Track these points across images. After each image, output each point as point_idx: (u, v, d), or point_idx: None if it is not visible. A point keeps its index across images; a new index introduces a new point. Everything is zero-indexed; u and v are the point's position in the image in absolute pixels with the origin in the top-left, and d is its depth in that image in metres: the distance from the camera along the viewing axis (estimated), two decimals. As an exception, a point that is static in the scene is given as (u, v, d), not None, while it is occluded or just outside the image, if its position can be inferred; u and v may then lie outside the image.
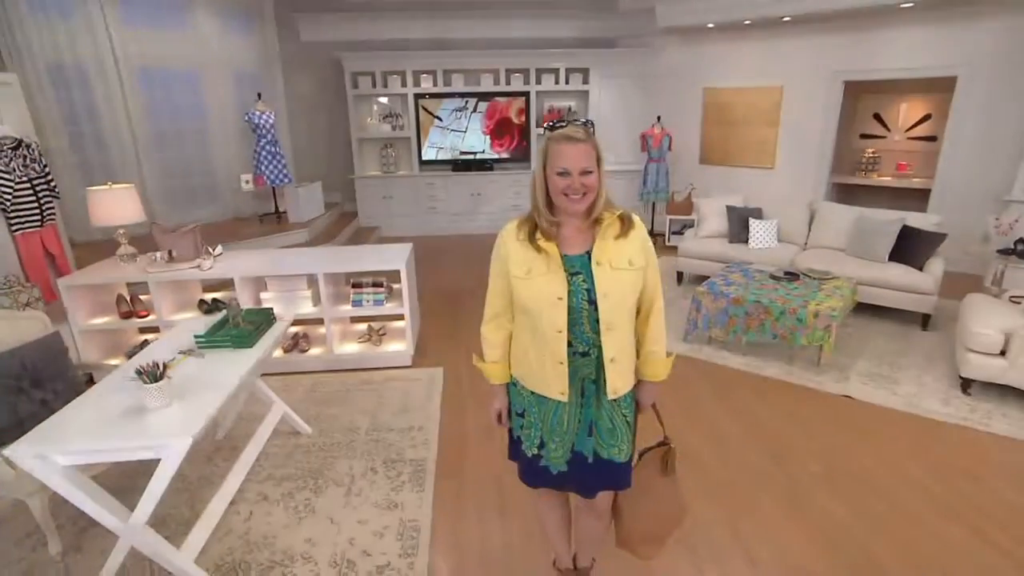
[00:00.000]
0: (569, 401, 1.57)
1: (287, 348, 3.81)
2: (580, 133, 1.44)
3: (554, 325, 1.48)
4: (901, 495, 2.48)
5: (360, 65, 7.12)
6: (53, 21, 5.62)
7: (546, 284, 1.47)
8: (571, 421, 1.60)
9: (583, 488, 1.68)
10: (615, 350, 1.52)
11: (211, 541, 2.28)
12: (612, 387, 1.55)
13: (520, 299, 1.52)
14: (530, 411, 1.62)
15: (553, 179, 1.43)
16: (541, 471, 1.66)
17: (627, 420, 1.63)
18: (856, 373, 3.55)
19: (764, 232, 4.82)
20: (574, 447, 1.62)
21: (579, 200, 1.44)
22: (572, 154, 1.41)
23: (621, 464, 1.64)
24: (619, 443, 1.62)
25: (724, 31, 6.22)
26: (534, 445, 1.64)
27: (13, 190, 3.52)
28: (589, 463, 1.62)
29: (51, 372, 2.43)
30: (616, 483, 1.69)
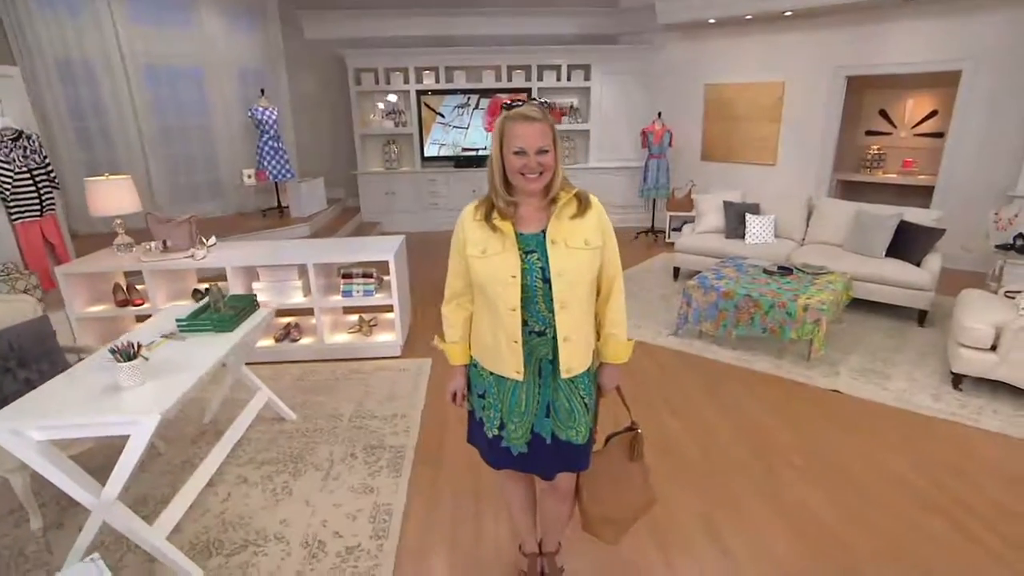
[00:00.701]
0: (527, 381, 1.58)
1: (279, 337, 3.86)
2: (536, 112, 1.43)
3: (508, 304, 1.48)
4: (882, 488, 2.45)
5: (363, 62, 7.18)
6: (61, 18, 5.75)
7: (500, 263, 1.47)
8: (529, 402, 1.60)
9: (543, 469, 1.68)
10: (569, 329, 1.52)
11: (188, 520, 2.32)
12: (565, 366, 1.54)
13: (476, 278, 1.52)
14: (490, 392, 1.63)
15: (510, 159, 1.43)
16: (503, 452, 1.66)
17: (585, 402, 1.62)
18: (847, 368, 3.51)
19: (760, 227, 4.78)
20: (533, 428, 1.62)
21: (536, 179, 1.44)
22: (528, 133, 1.41)
23: (579, 446, 1.64)
24: (576, 425, 1.62)
25: (725, 26, 6.18)
26: (494, 426, 1.65)
27: (13, 180, 3.60)
28: (548, 444, 1.62)
29: (37, 353, 2.48)
30: (574, 464, 1.69)
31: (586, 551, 2.11)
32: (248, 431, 2.97)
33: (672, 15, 6.10)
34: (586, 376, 1.62)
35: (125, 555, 2.15)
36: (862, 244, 4.37)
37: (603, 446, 1.82)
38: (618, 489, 1.80)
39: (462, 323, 1.66)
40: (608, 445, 1.82)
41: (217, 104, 6.76)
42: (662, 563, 2.08)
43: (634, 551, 2.13)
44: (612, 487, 1.79)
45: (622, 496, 1.81)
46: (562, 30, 7.31)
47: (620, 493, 1.80)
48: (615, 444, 1.83)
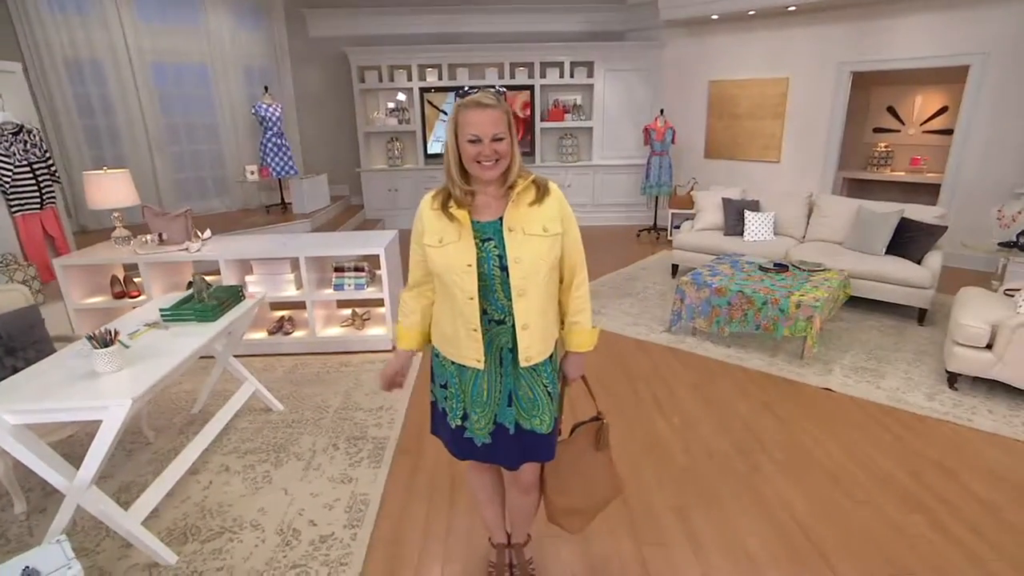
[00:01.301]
0: (488, 371, 1.56)
1: (272, 330, 3.89)
2: (490, 99, 1.41)
3: (465, 292, 1.47)
4: (864, 485, 2.41)
5: (366, 60, 7.22)
6: (70, 16, 5.85)
7: (456, 252, 1.46)
8: (491, 392, 1.58)
9: (507, 460, 1.66)
10: (527, 317, 1.50)
11: (168, 507, 2.35)
12: (524, 355, 1.52)
13: (434, 267, 1.51)
14: (452, 382, 1.61)
15: (465, 147, 1.41)
16: (466, 443, 1.65)
17: (548, 391, 1.60)
18: (841, 366, 3.45)
19: (759, 225, 4.72)
20: (496, 419, 1.60)
21: (492, 167, 1.42)
22: (483, 120, 1.39)
23: (543, 435, 1.62)
24: (540, 414, 1.60)
25: (729, 22, 6.12)
26: (457, 416, 1.63)
27: (13, 174, 3.68)
28: (511, 434, 1.60)
29: (24, 341, 2.53)
30: (538, 454, 1.66)
31: (557, 543, 2.10)
32: (236, 421, 3.00)
33: (674, 11, 6.05)
34: (548, 365, 1.60)
35: (103, 540, 2.17)
36: (862, 241, 4.30)
37: (569, 435, 1.81)
38: (584, 479, 1.79)
39: (420, 309, 1.65)
40: (573, 435, 1.80)
41: (223, 101, 6.84)
42: (633, 556, 2.06)
43: (606, 543, 2.12)
44: (578, 477, 1.77)
45: (588, 486, 1.79)
46: (566, 27, 7.29)
47: (586, 483, 1.79)
48: (581, 434, 1.80)
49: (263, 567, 2.02)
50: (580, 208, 7.63)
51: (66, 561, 1.59)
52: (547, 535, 2.10)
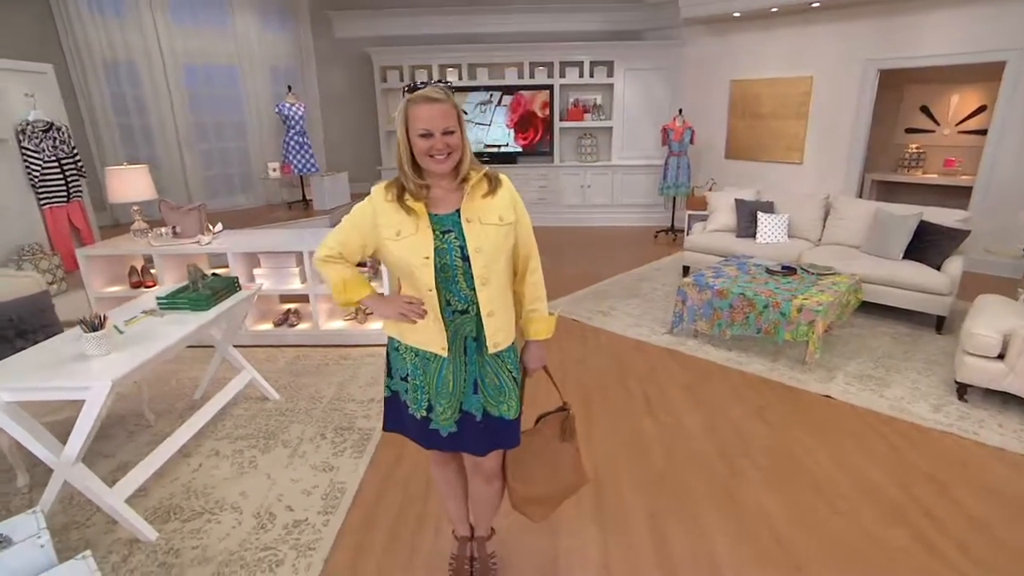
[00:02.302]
0: (453, 361, 1.57)
1: (278, 322, 4.01)
2: (439, 94, 1.43)
3: (424, 284, 1.49)
4: (848, 496, 2.32)
5: (389, 60, 7.35)
6: (108, 20, 6.15)
7: (413, 244, 1.48)
8: (456, 381, 1.59)
9: (474, 447, 1.66)
10: (492, 304, 1.53)
11: (157, 486, 2.46)
12: (492, 341, 1.55)
13: (392, 260, 1.53)
14: (414, 374, 1.62)
15: (416, 141, 1.43)
16: (432, 434, 1.66)
17: (513, 377, 1.63)
18: (845, 373, 3.33)
19: (773, 227, 4.60)
20: (462, 407, 1.62)
21: (444, 160, 1.44)
22: (432, 114, 1.41)
23: (510, 421, 1.64)
24: (508, 400, 1.62)
25: (751, 20, 5.98)
26: (422, 408, 1.64)
27: (42, 168, 3.90)
28: (478, 421, 1.62)
29: (35, 325, 2.67)
30: (504, 442, 1.68)
31: (522, 537, 2.11)
32: (232, 408, 3.11)
33: (695, 9, 5.95)
34: (512, 351, 1.63)
35: (94, 514, 2.28)
36: (879, 245, 4.14)
37: (534, 425, 1.80)
38: (548, 468, 1.79)
39: (341, 270, 1.61)
40: (539, 424, 1.80)
41: (250, 101, 7.07)
42: (597, 555, 2.04)
43: (572, 539, 2.11)
44: (542, 467, 1.78)
45: (552, 475, 1.80)
46: (586, 26, 7.25)
47: (550, 472, 1.79)
48: (546, 424, 1.80)
49: (236, 548, 2.09)
50: (598, 208, 7.59)
51: (37, 531, 1.68)
52: (512, 529, 2.10)
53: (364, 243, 1.57)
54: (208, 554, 2.07)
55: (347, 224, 1.58)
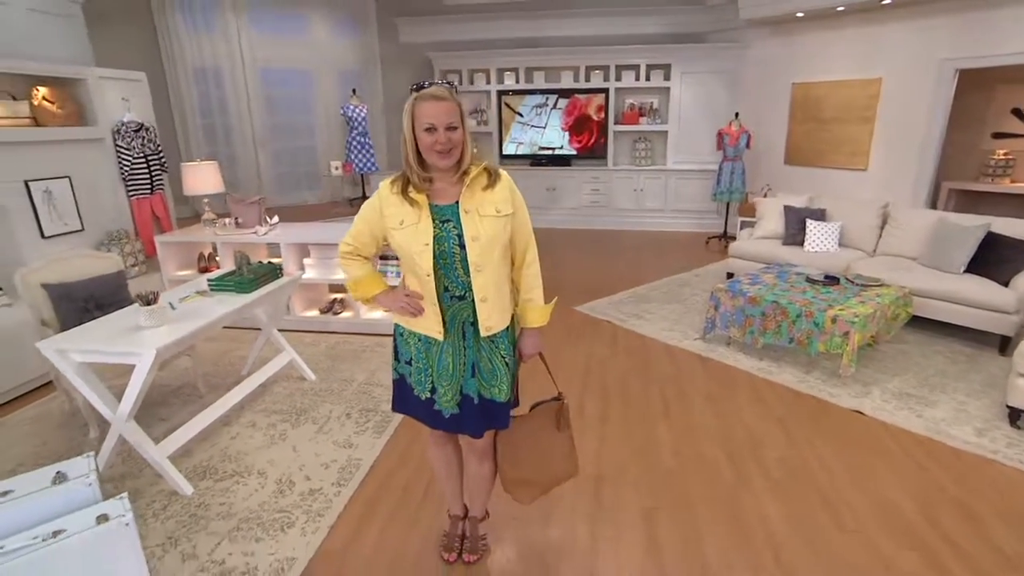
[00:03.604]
0: (453, 345, 1.68)
1: (323, 309, 4.29)
2: (444, 92, 1.53)
3: (423, 269, 1.60)
4: (859, 514, 2.23)
5: (449, 64, 7.60)
6: (200, 32, 6.77)
7: (415, 232, 1.59)
8: (456, 364, 1.69)
9: (473, 429, 1.76)
10: (485, 290, 1.62)
11: (199, 449, 2.73)
12: (484, 325, 1.65)
13: (396, 247, 1.66)
14: (418, 358, 1.73)
15: (421, 136, 1.53)
16: (436, 415, 1.76)
17: (506, 362, 1.72)
18: (883, 390, 3.16)
19: (822, 235, 4.40)
20: (462, 389, 1.72)
21: (447, 155, 1.54)
22: (437, 111, 1.50)
23: (501, 404, 1.74)
24: (500, 383, 1.72)
25: (816, 20, 5.72)
26: (426, 389, 1.75)
27: (131, 163, 4.38)
28: (475, 404, 1.72)
29: (110, 299, 3.03)
30: (496, 422, 1.77)
31: (514, 523, 2.18)
32: (274, 385, 3.38)
33: (755, 10, 5.77)
34: (506, 337, 1.72)
35: (145, 468, 2.57)
36: (939, 258, 3.87)
37: (528, 412, 1.87)
38: (538, 455, 1.88)
39: (360, 265, 1.76)
40: (533, 412, 1.88)
41: (319, 103, 7.54)
42: (586, 548, 2.09)
43: (562, 531, 2.17)
44: (532, 452, 1.86)
45: (541, 462, 1.88)
46: (645, 29, 7.19)
47: (539, 459, 1.88)
48: (540, 412, 1.88)
49: (256, 508, 2.31)
50: (651, 213, 7.49)
51: (87, 472, 1.94)
52: (506, 514, 2.19)
53: (373, 234, 1.70)
54: (232, 511, 2.29)
55: (358, 219, 1.72)
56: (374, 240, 1.73)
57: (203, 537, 2.16)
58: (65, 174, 3.97)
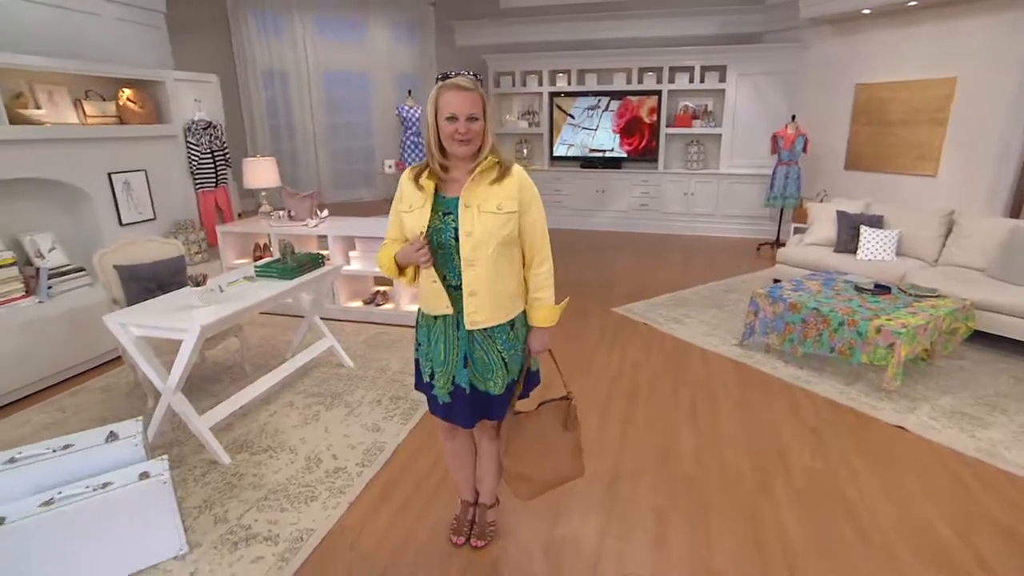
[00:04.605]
0: (445, 333, 1.73)
1: (367, 300, 4.47)
2: (468, 83, 1.58)
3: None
4: (886, 530, 2.12)
5: (503, 66, 7.71)
6: (270, 38, 7.21)
7: (416, 218, 1.66)
8: (448, 353, 1.74)
9: (464, 419, 1.81)
10: (475, 285, 1.65)
11: (240, 424, 2.92)
12: (469, 318, 1.68)
13: (404, 230, 1.74)
14: (422, 341, 1.81)
15: (443, 124, 1.58)
16: (433, 399, 1.84)
17: (502, 356, 1.74)
18: (933, 407, 2.97)
19: (877, 242, 4.17)
20: (454, 379, 1.76)
21: (466, 144, 1.59)
22: (460, 101, 1.56)
23: (495, 396, 1.77)
24: (493, 377, 1.75)
25: (884, 16, 5.42)
26: (426, 373, 1.83)
27: (199, 159, 4.72)
28: (467, 394, 1.77)
29: (171, 281, 3.29)
30: (491, 413, 1.81)
31: (524, 517, 2.22)
32: (313, 370, 3.55)
33: (816, 7, 5.53)
34: (505, 332, 1.73)
35: (191, 438, 2.77)
36: (1010, 269, 3.60)
37: (536, 408, 1.88)
38: (541, 453, 1.86)
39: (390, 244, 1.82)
40: (540, 409, 1.87)
41: (377, 104, 7.84)
42: (592, 544, 2.09)
43: (571, 526, 2.18)
44: (535, 449, 1.85)
45: (543, 460, 1.87)
46: (700, 31, 7.03)
47: (541, 457, 1.86)
48: (548, 410, 1.87)
49: (284, 481, 2.45)
50: (701, 217, 7.32)
51: (135, 434, 2.14)
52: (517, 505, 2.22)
53: (399, 219, 1.76)
54: (262, 482, 2.45)
55: (391, 212, 1.80)
56: (401, 228, 1.78)
57: (235, 504, 2.31)
58: (142, 167, 4.33)
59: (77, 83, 4.02)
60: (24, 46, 3.69)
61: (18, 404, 3.18)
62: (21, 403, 3.20)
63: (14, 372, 3.18)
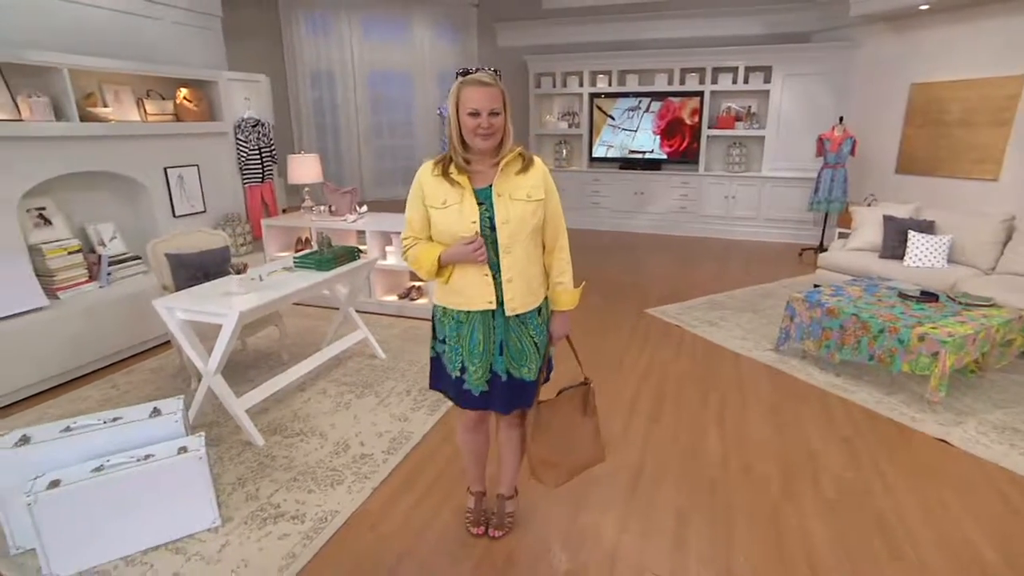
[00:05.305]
0: (482, 323, 1.75)
1: (401, 295, 4.57)
2: (489, 78, 1.62)
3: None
4: (922, 546, 2.03)
5: (543, 67, 7.73)
6: (319, 39, 7.45)
7: (459, 211, 1.68)
8: (486, 342, 1.77)
9: (501, 406, 1.85)
10: (512, 271, 1.70)
11: (275, 409, 3.04)
12: (509, 305, 1.72)
13: (437, 227, 1.74)
14: (450, 337, 1.83)
15: (465, 119, 1.62)
16: (465, 393, 1.86)
17: (535, 342, 1.80)
18: (981, 421, 2.82)
19: (927, 248, 3.98)
20: (491, 367, 1.80)
21: (488, 138, 1.63)
22: (481, 96, 1.59)
23: (529, 382, 1.82)
24: (528, 363, 1.80)
25: (943, 12, 5.17)
26: (456, 368, 1.84)
27: (247, 155, 4.94)
28: (503, 381, 1.81)
29: (216, 270, 3.44)
30: (523, 400, 1.85)
31: (543, 507, 2.23)
32: (347, 360, 3.66)
33: (869, 4, 5.32)
34: (536, 318, 1.79)
35: (229, 420, 2.91)
36: (1073, 281, 3.38)
37: (555, 397, 1.91)
38: (563, 439, 1.92)
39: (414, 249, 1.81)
40: (560, 396, 1.91)
41: (418, 104, 7.99)
42: (611, 538, 2.09)
43: (590, 519, 2.18)
44: (558, 436, 1.90)
45: (566, 446, 1.92)
46: (746, 30, 6.87)
47: (564, 443, 1.92)
48: (567, 397, 1.92)
49: (313, 464, 2.54)
50: (742, 221, 7.15)
51: (176, 411, 2.26)
52: (537, 497, 2.24)
53: (422, 216, 1.77)
54: (292, 464, 2.54)
55: (408, 209, 1.81)
56: (425, 224, 1.79)
57: (266, 483, 2.42)
58: (195, 163, 4.57)
59: (140, 83, 4.28)
60: (95, 49, 3.96)
61: (79, 381, 3.41)
62: (82, 380, 3.42)
63: (78, 352, 3.40)
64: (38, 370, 3.20)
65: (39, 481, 1.88)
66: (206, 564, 1.97)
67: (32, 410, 3.07)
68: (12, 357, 3.07)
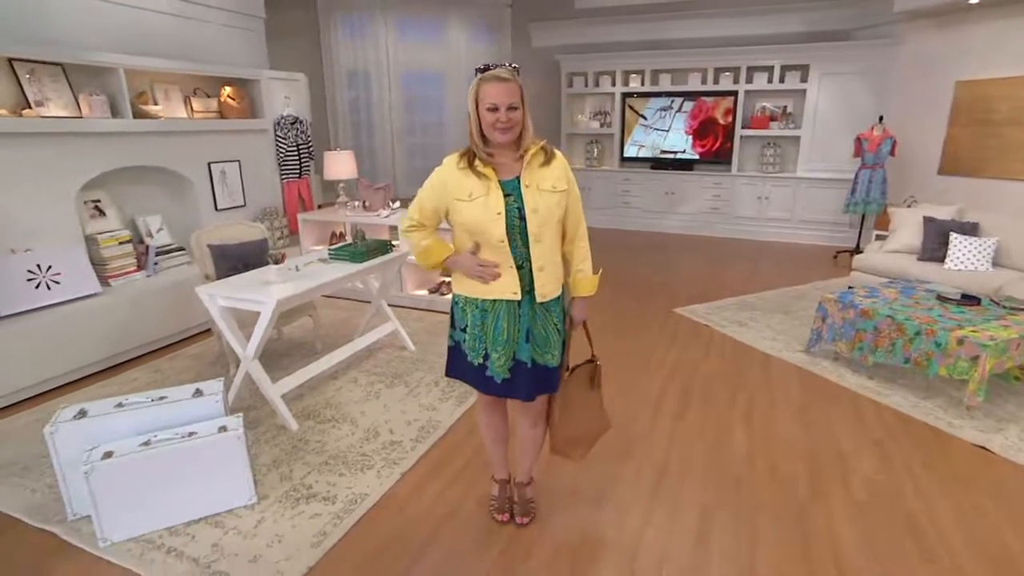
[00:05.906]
0: (508, 311, 1.79)
1: (432, 290, 4.65)
2: (507, 74, 1.67)
3: (496, 237, 1.73)
4: (955, 550, 1.99)
5: (576, 66, 7.74)
6: (355, 39, 7.60)
7: (486, 203, 1.72)
8: (511, 330, 1.81)
9: (524, 393, 1.88)
10: (543, 260, 1.76)
11: (310, 396, 3.15)
12: (540, 292, 1.78)
13: (463, 219, 1.77)
14: (473, 324, 1.85)
15: (484, 114, 1.67)
16: (488, 380, 1.89)
17: (558, 329, 1.87)
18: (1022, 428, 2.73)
19: (970, 251, 3.86)
20: (515, 355, 1.84)
21: (507, 131, 1.68)
22: (500, 91, 1.65)
23: (553, 369, 1.88)
24: (552, 349, 1.86)
25: (992, 7, 4.98)
26: (479, 356, 1.87)
27: (285, 151, 5.09)
28: (528, 368, 1.84)
29: (254, 260, 3.56)
30: (548, 386, 1.91)
31: (566, 496, 2.26)
32: (379, 352, 3.75)
33: (912, 0, 5.17)
34: (558, 305, 1.86)
35: (266, 404, 3.01)
36: None
37: (568, 375, 1.98)
38: (584, 412, 2.03)
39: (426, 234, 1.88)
40: (573, 374, 1.99)
41: (450, 103, 8.08)
42: (633, 530, 2.10)
43: (614, 511, 2.20)
44: (580, 410, 2.02)
45: (586, 418, 2.04)
46: (779, 29, 6.74)
47: (585, 415, 2.03)
48: (577, 374, 2.01)
49: (344, 449, 2.62)
50: (775, 222, 7.02)
51: (218, 392, 2.37)
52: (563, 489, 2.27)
53: (437, 206, 1.83)
54: (324, 448, 2.63)
55: (422, 193, 1.86)
56: (436, 214, 1.84)
57: (299, 465, 2.51)
58: (236, 158, 4.74)
59: (188, 82, 4.47)
60: (149, 50, 4.17)
61: (128, 364, 3.60)
62: (130, 363, 3.61)
63: (126, 336, 3.58)
64: (92, 352, 3.40)
65: (95, 452, 2.01)
66: (243, 538, 2.06)
67: (87, 389, 3.25)
68: (71, 339, 3.27)
